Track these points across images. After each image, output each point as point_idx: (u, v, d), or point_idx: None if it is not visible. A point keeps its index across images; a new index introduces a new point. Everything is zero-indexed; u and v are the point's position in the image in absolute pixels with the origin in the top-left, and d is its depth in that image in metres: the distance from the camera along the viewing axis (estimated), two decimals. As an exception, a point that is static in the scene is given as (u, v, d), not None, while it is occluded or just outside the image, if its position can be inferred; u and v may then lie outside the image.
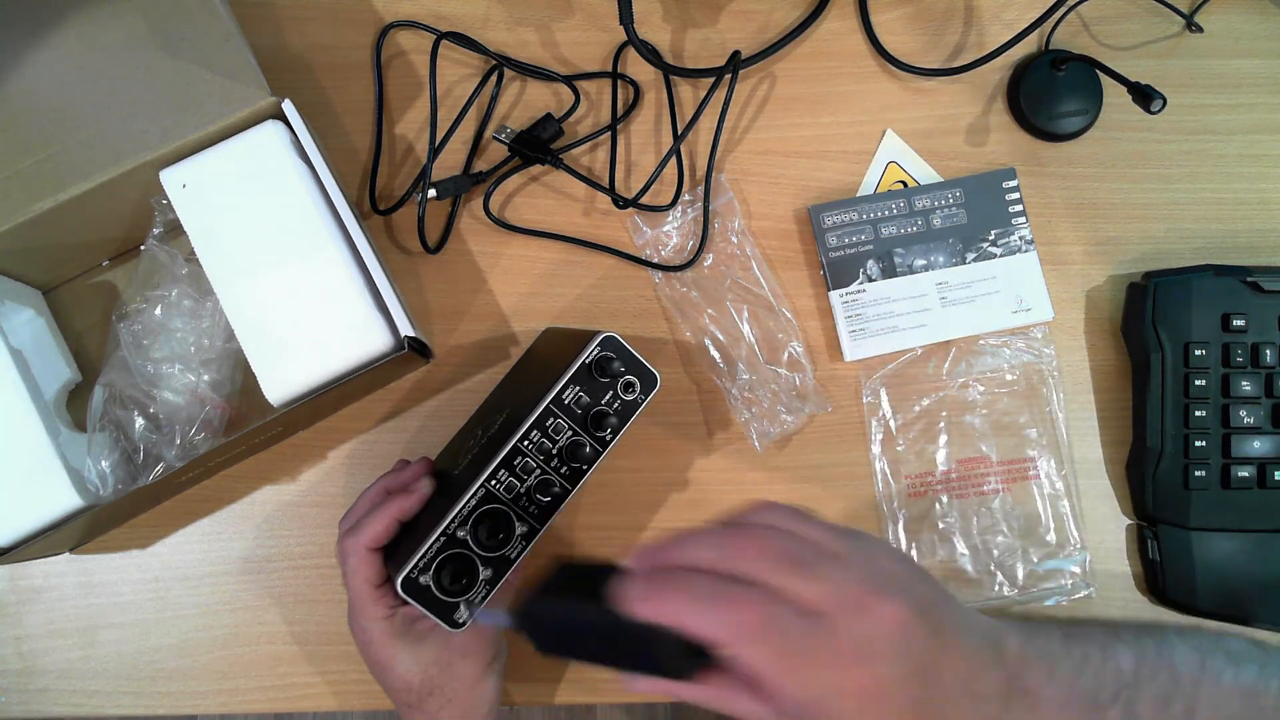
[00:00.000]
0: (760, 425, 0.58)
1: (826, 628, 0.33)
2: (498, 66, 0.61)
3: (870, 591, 0.33)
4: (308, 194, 0.51)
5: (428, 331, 0.59)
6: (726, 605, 0.33)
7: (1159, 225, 0.61)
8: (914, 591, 0.35)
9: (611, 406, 0.47)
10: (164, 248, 0.53)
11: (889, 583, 0.34)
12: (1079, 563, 0.57)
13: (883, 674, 0.33)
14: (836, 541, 0.35)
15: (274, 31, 0.61)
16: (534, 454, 0.46)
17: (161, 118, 0.50)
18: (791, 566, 0.33)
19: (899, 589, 0.34)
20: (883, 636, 0.33)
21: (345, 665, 0.57)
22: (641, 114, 0.62)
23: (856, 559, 0.35)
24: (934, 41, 0.63)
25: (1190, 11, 0.62)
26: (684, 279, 0.60)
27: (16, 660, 0.57)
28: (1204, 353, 0.56)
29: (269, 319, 0.50)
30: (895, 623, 0.33)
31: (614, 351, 0.46)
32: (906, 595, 0.34)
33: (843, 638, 0.33)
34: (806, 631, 0.32)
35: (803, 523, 0.36)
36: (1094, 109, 0.61)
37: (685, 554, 0.35)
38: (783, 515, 0.36)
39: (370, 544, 0.47)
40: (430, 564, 0.44)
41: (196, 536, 0.58)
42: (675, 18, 0.63)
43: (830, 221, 0.60)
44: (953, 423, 0.59)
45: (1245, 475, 0.56)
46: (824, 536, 0.35)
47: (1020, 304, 0.59)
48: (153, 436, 0.52)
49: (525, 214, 0.61)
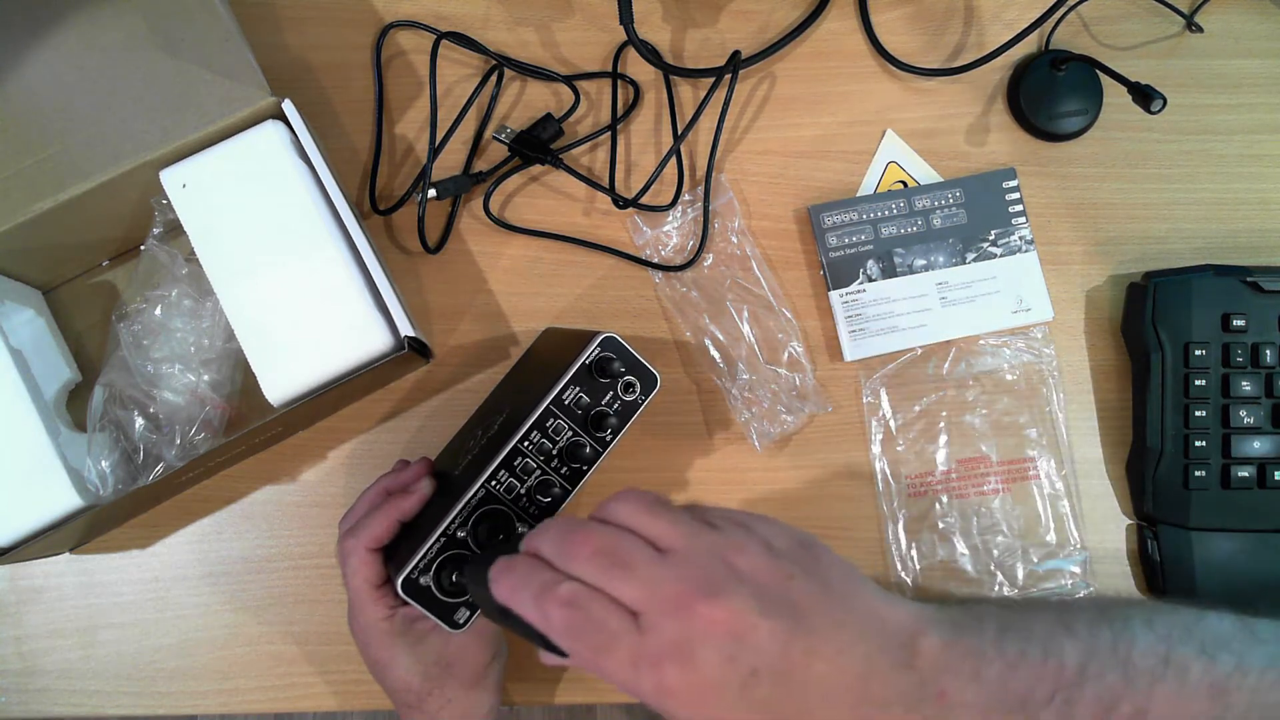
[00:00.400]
0: (760, 425, 0.58)
1: (642, 628, 0.33)
2: (498, 66, 0.61)
3: (693, 591, 0.32)
4: (308, 194, 0.51)
5: (428, 331, 0.59)
6: (546, 601, 0.34)
7: (1159, 225, 0.61)
8: (771, 589, 0.33)
9: (611, 407, 0.47)
10: (164, 248, 0.53)
11: (724, 582, 0.33)
12: (1079, 563, 0.57)
13: (705, 675, 0.32)
14: (679, 537, 0.34)
15: (274, 31, 0.61)
16: (534, 454, 0.46)
17: (161, 118, 0.50)
18: (612, 567, 0.34)
19: (735, 588, 0.33)
20: (702, 637, 0.32)
21: (345, 665, 0.57)
22: (641, 114, 0.62)
23: (694, 556, 0.34)
24: (934, 41, 0.63)
25: (1190, 11, 0.62)
26: (684, 279, 0.60)
27: (16, 660, 0.57)
28: (1204, 353, 0.56)
29: (269, 319, 0.50)
30: (718, 623, 0.32)
31: (614, 352, 0.46)
32: (743, 594, 0.32)
33: (656, 638, 0.32)
34: (619, 632, 0.33)
35: (650, 516, 0.35)
36: (1094, 109, 0.61)
37: (536, 545, 0.36)
38: (634, 508, 0.36)
39: (370, 544, 0.47)
40: (430, 564, 0.44)
41: (196, 536, 0.58)
42: (675, 18, 0.63)
43: (830, 221, 0.60)
44: (953, 423, 0.59)
45: (1245, 475, 0.56)
46: (666, 531, 0.35)
47: (1020, 304, 0.59)
48: (153, 436, 0.52)
49: (525, 214, 0.61)
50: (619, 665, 0.33)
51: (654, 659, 0.32)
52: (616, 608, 0.33)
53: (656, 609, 0.33)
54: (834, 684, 0.32)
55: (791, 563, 0.34)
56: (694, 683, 0.32)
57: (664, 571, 0.33)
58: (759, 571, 0.34)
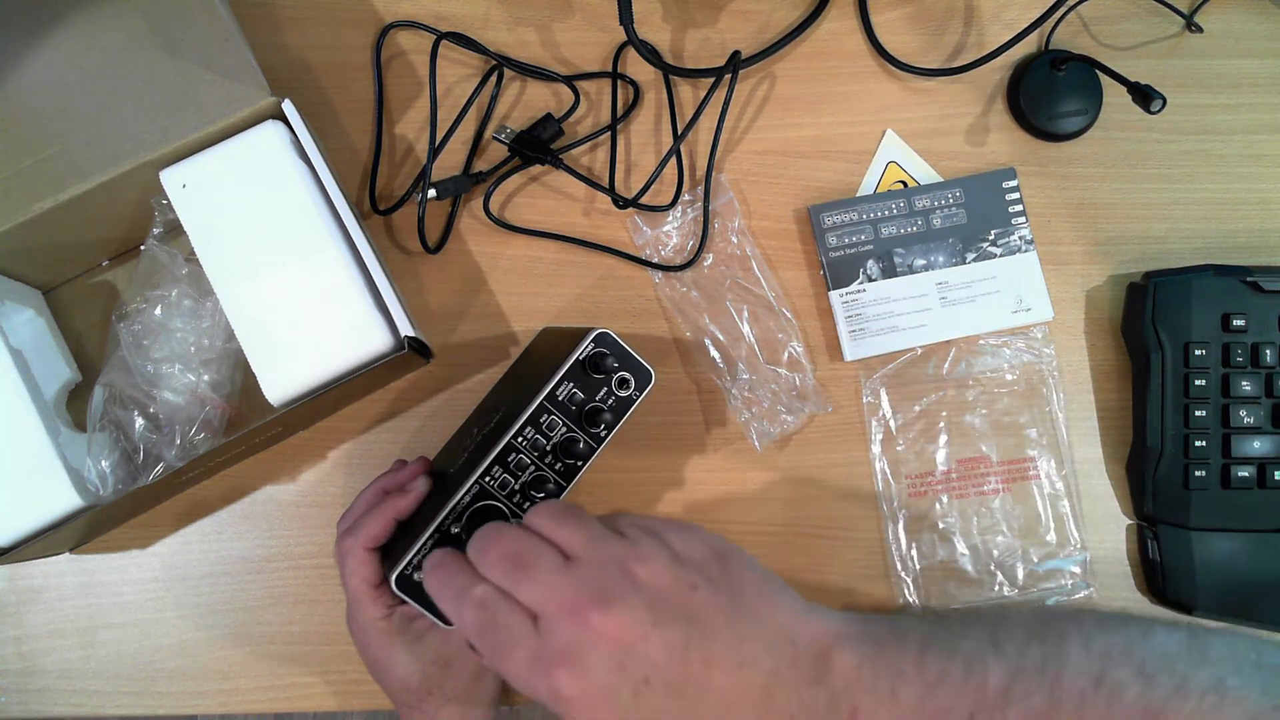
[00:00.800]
0: (760, 425, 0.58)
1: (540, 632, 0.34)
2: (498, 66, 0.61)
3: (588, 600, 0.33)
4: (308, 194, 0.51)
5: (428, 331, 0.59)
6: (462, 602, 0.36)
7: (1159, 225, 0.61)
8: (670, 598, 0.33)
9: (606, 403, 0.47)
10: (164, 248, 0.53)
11: (619, 590, 0.33)
12: (1079, 562, 0.57)
13: (596, 682, 0.32)
14: (583, 545, 0.35)
15: (274, 31, 0.61)
16: (528, 450, 0.46)
17: (161, 118, 0.50)
18: (516, 569, 0.35)
19: (629, 596, 0.33)
20: (593, 644, 0.32)
21: (345, 665, 0.57)
22: (641, 114, 0.62)
23: (594, 564, 0.34)
24: (934, 41, 0.63)
25: (1190, 11, 0.62)
26: (684, 279, 0.60)
27: (16, 660, 0.57)
28: (1204, 353, 0.56)
29: (269, 319, 0.50)
30: (608, 631, 0.32)
31: (607, 348, 0.46)
32: (637, 603, 0.33)
33: (551, 643, 0.33)
34: (520, 636, 0.34)
35: (558, 523, 0.37)
36: (1094, 109, 0.61)
37: (471, 546, 0.38)
38: (545, 516, 0.37)
39: (368, 544, 0.48)
40: (424, 561, 0.44)
41: (196, 536, 0.58)
42: (675, 18, 0.63)
43: (830, 221, 0.60)
44: (953, 423, 0.59)
45: (1245, 475, 0.56)
46: (570, 538, 0.36)
47: (1020, 304, 0.59)
48: (153, 436, 0.52)
49: (525, 214, 0.61)
50: (518, 667, 0.34)
51: (548, 663, 0.33)
52: (520, 612, 0.34)
53: (553, 613, 0.33)
54: (734, 696, 0.32)
55: (697, 573, 0.34)
56: (585, 688, 0.32)
57: (563, 578, 0.34)
58: (659, 580, 0.34)
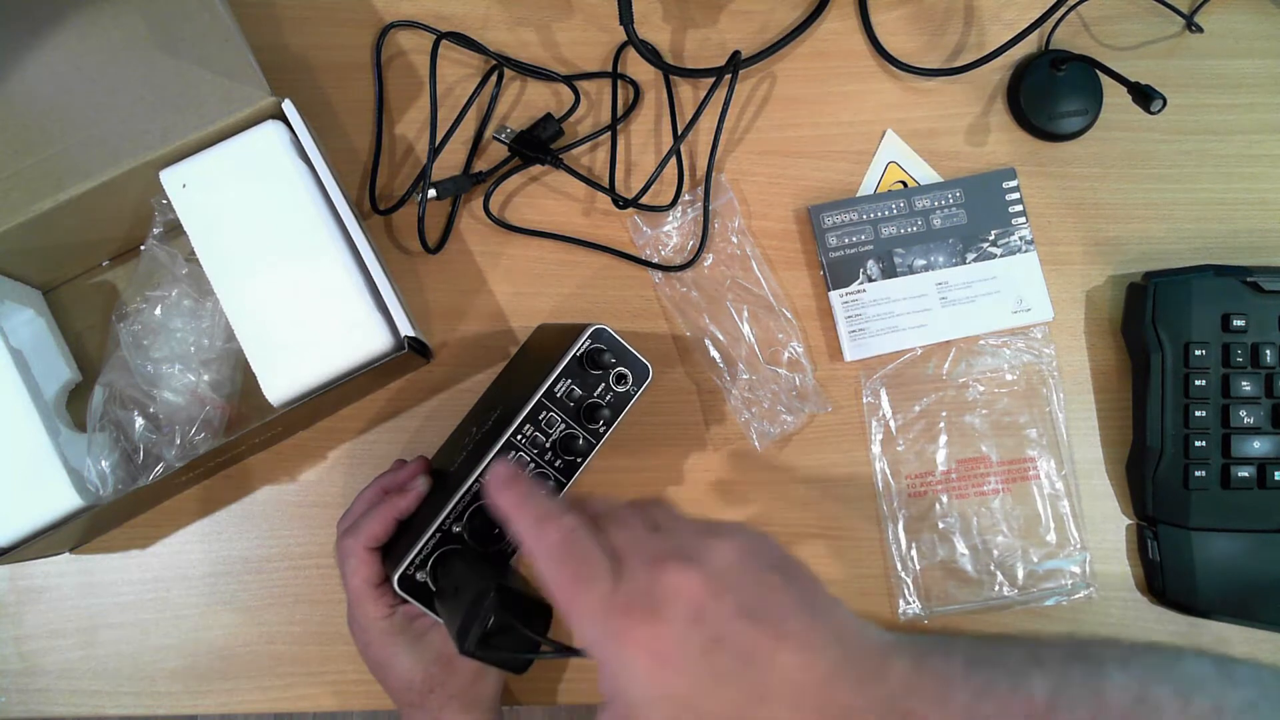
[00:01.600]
0: (760, 425, 0.58)
1: (621, 575, 0.33)
2: (498, 66, 0.61)
3: (674, 555, 0.33)
4: (308, 194, 0.51)
5: (428, 331, 0.59)
6: (547, 523, 0.35)
7: (1159, 225, 0.61)
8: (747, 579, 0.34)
9: (604, 399, 0.47)
10: (164, 248, 0.53)
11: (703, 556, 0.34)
12: (1079, 563, 0.57)
13: (669, 631, 0.32)
14: (672, 522, 0.36)
15: (274, 31, 0.61)
16: (527, 448, 0.46)
17: (161, 118, 0.50)
18: (610, 519, 0.36)
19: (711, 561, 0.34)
20: (673, 596, 0.32)
21: (345, 665, 0.57)
22: (641, 114, 0.62)
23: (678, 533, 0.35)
24: (934, 41, 0.63)
25: (1190, 11, 0.62)
26: (684, 279, 0.60)
27: (16, 660, 0.57)
28: (1204, 353, 0.56)
29: (269, 319, 0.50)
30: (690, 587, 0.32)
31: (604, 343, 0.46)
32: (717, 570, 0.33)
33: (631, 586, 0.33)
34: (600, 570, 0.33)
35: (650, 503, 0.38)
36: (1094, 109, 0.61)
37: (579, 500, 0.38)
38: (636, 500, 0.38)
39: (368, 544, 0.48)
40: (426, 560, 0.44)
41: (196, 536, 0.58)
42: (675, 18, 0.63)
43: (830, 221, 0.60)
44: (953, 423, 0.59)
45: (1245, 475, 0.56)
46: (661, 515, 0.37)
47: (1020, 304, 0.59)
48: (153, 436, 0.52)
49: (525, 214, 0.61)
50: (590, 602, 0.33)
51: (625, 605, 0.32)
52: (605, 551, 0.34)
53: (638, 561, 0.34)
54: (797, 678, 0.32)
55: (770, 564, 0.35)
56: (658, 635, 0.32)
57: (653, 536, 0.35)
58: (738, 558, 0.34)
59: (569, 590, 0.34)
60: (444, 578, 0.44)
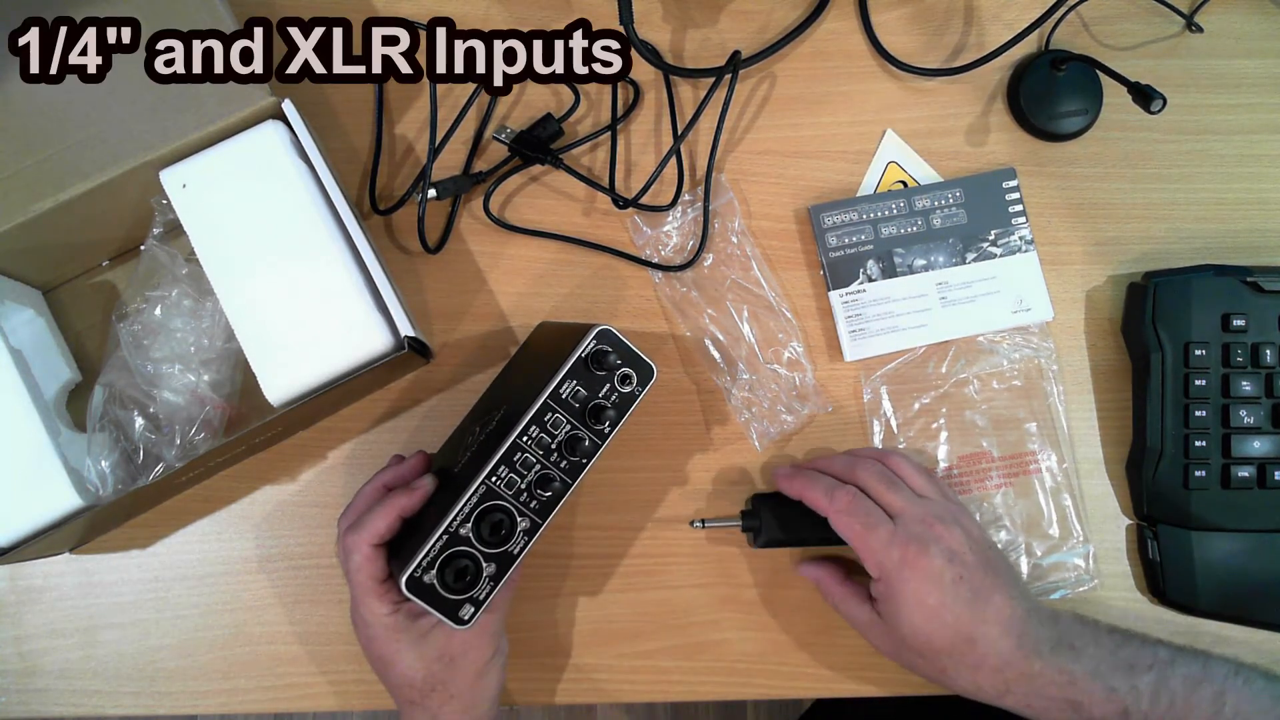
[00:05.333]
0: (760, 425, 0.58)
1: (897, 524, 0.49)
2: (498, 66, 0.61)
3: (935, 516, 0.49)
4: (308, 194, 0.51)
5: (428, 331, 0.59)
6: (837, 492, 0.51)
7: (1159, 225, 0.61)
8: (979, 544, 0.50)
9: (609, 399, 0.47)
10: (164, 248, 0.53)
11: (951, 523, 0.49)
12: (1083, 555, 0.57)
13: (932, 563, 0.48)
14: (932, 493, 0.52)
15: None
16: (533, 449, 0.46)
17: (161, 118, 0.50)
18: (885, 484, 0.51)
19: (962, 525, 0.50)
20: (935, 541, 0.48)
21: (345, 665, 0.57)
22: (641, 114, 0.62)
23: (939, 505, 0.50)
24: (934, 41, 0.63)
25: (1190, 11, 0.62)
26: (684, 279, 0.60)
27: (16, 660, 0.57)
28: (1204, 353, 0.56)
29: (269, 319, 0.50)
30: (946, 537, 0.49)
31: (609, 344, 0.46)
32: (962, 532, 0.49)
33: (907, 531, 0.49)
34: (882, 520, 0.49)
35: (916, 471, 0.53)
36: (1094, 109, 0.61)
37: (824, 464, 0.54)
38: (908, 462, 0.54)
39: (373, 540, 0.47)
40: (434, 562, 0.44)
41: (196, 536, 0.58)
42: (675, 18, 0.63)
43: (830, 221, 0.60)
44: (953, 419, 0.59)
45: (1245, 475, 0.56)
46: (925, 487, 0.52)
47: (1020, 304, 0.59)
48: (153, 436, 0.52)
49: (525, 214, 0.61)
50: (879, 538, 0.49)
51: (904, 541, 0.48)
52: (881, 509, 0.50)
53: (909, 517, 0.49)
54: (1005, 614, 0.48)
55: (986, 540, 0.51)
56: (927, 565, 0.48)
57: (919, 501, 0.51)
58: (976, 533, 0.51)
59: (863, 533, 0.49)
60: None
